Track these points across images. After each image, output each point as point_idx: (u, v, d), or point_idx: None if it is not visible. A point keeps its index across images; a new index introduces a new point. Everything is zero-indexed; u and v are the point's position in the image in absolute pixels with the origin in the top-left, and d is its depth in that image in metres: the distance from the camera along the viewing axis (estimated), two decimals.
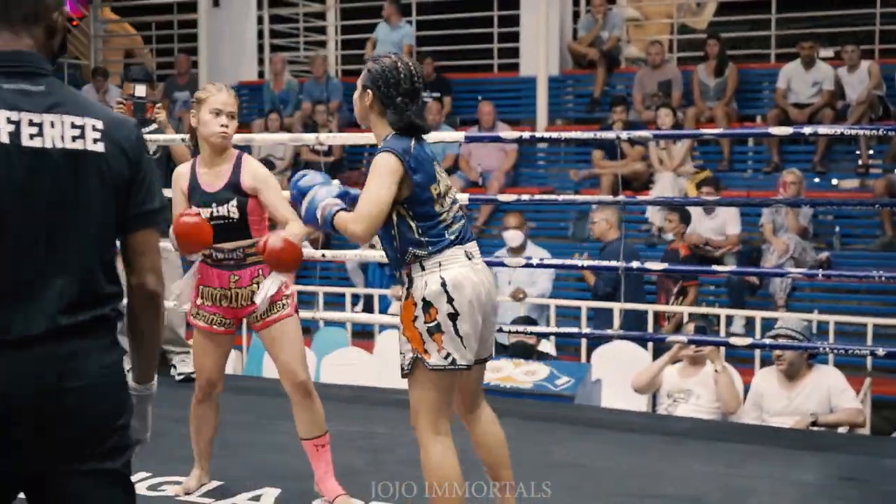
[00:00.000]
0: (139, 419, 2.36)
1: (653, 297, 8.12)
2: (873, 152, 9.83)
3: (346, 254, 6.81)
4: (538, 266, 6.17)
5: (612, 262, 5.47)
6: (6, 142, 2.06)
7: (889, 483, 4.19)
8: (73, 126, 2.12)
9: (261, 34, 13.15)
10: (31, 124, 2.09)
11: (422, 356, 3.12)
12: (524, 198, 6.23)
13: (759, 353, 6.46)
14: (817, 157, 9.76)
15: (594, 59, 11.19)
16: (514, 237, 7.96)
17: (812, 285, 8.70)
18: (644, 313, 7.07)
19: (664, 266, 5.99)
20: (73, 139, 2.12)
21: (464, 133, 6.78)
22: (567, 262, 6.71)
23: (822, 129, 5.30)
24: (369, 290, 8.71)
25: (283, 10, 13.48)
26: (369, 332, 7.70)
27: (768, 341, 5.40)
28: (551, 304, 7.40)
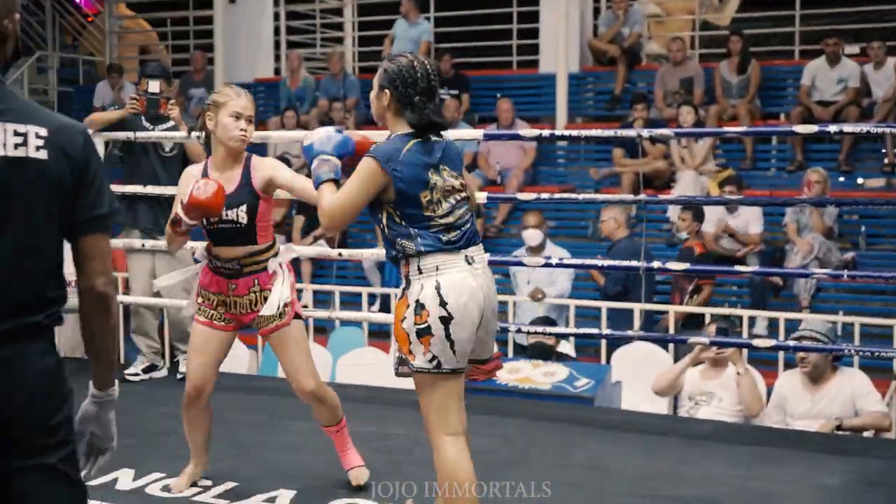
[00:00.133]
0: (102, 427, 2.39)
1: (666, 298, 8.11)
2: None
3: (363, 253, 6.81)
4: (557, 266, 6.15)
5: (633, 262, 5.45)
6: None
7: None
8: (16, 134, 2.17)
9: (277, 30, 13.17)
10: None
11: (406, 357, 3.16)
12: (543, 196, 6.21)
13: (782, 355, 6.42)
14: (842, 156, 9.70)
15: (615, 55, 11.16)
16: (533, 236, 7.94)
17: (837, 286, 8.65)
18: (656, 313, 7.04)
19: (685, 266, 5.95)
20: (16, 147, 2.17)
21: (482, 131, 6.76)
22: (587, 261, 6.69)
23: (847, 128, 5.28)
24: (386, 290, 8.71)
25: (299, 6, 13.51)
26: (386, 332, 7.68)
27: (792, 343, 5.36)
28: (571, 305, 7.38)
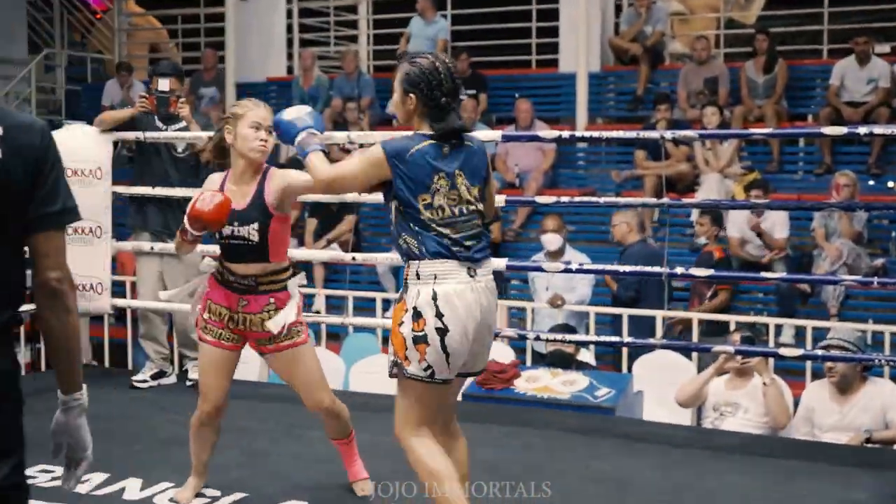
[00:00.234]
0: (72, 435, 2.36)
1: (683, 305, 8.08)
2: None
3: (377, 257, 6.79)
4: (577, 271, 6.13)
5: (656, 268, 5.43)
6: None
7: None
8: None
9: (290, 28, 13.20)
10: None
11: (402, 362, 3.21)
12: (563, 200, 6.20)
13: (809, 364, 6.39)
14: (872, 159, 9.65)
15: (637, 54, 11.13)
16: (552, 241, 7.93)
17: (867, 293, 8.59)
18: (666, 319, 7.02)
19: (709, 272, 5.93)
20: None
21: (500, 132, 6.75)
22: (608, 267, 6.66)
23: (877, 129, 5.22)
24: None
25: (312, 3, 13.53)
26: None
27: (820, 352, 5.34)
28: (591, 312, 7.36)
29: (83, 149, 5.93)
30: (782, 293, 8.40)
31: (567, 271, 5.82)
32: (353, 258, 6.16)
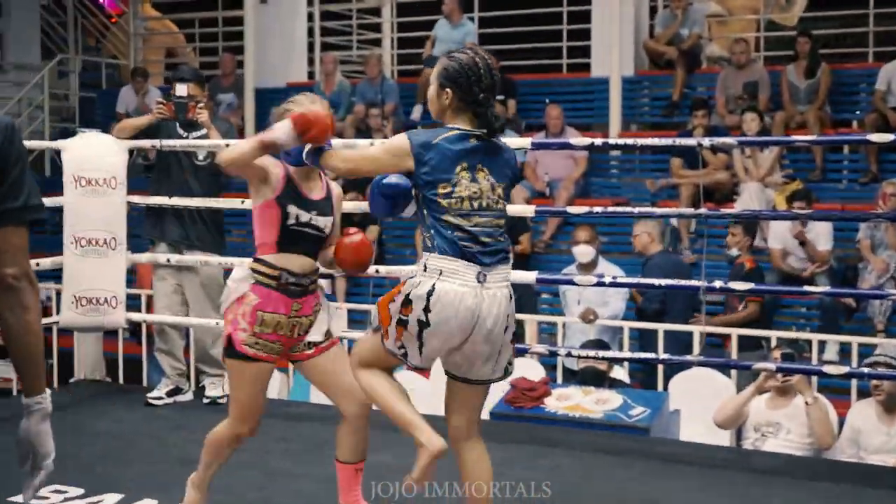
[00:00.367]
0: (35, 440, 2.36)
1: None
2: None
3: (402, 270, 6.79)
4: (610, 285, 6.12)
5: (694, 282, 5.40)
6: None
7: None
8: None
9: (311, 32, 13.26)
10: None
11: (383, 332, 3.36)
12: (596, 210, 6.19)
13: (855, 382, 6.34)
14: None
15: (673, 58, 11.12)
16: (584, 252, 7.92)
17: None
18: (687, 333, 6.98)
19: (749, 286, 5.90)
20: None
21: (530, 139, 6.76)
22: (642, 280, 6.65)
23: None
24: None
25: (334, 5, 13.59)
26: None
27: (866, 370, 5.31)
28: (625, 327, 7.34)
29: (97, 157, 5.94)
30: (826, 308, 8.36)
31: (600, 284, 5.81)
32: (377, 271, 6.17)
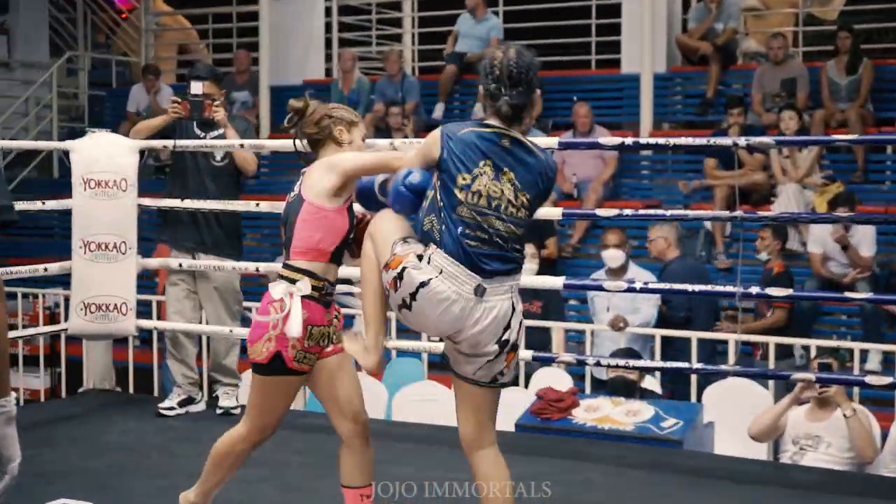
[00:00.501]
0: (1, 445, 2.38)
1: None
2: None
3: None
4: (641, 290, 6.10)
5: (728, 287, 5.38)
6: None
7: None
8: None
9: (328, 27, 13.27)
10: None
11: (390, 276, 3.41)
12: (626, 212, 6.15)
13: None
14: None
15: (707, 53, 11.09)
16: (613, 257, 7.90)
17: None
18: (718, 342, 6.96)
19: (788, 292, 5.86)
20: None
21: (557, 138, 6.75)
22: (675, 286, 6.62)
23: None
24: None
25: (353, 0, 13.60)
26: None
27: None
28: (657, 335, 7.31)
29: (107, 158, 5.93)
30: (868, 315, 8.32)
31: (630, 290, 5.80)
32: None
